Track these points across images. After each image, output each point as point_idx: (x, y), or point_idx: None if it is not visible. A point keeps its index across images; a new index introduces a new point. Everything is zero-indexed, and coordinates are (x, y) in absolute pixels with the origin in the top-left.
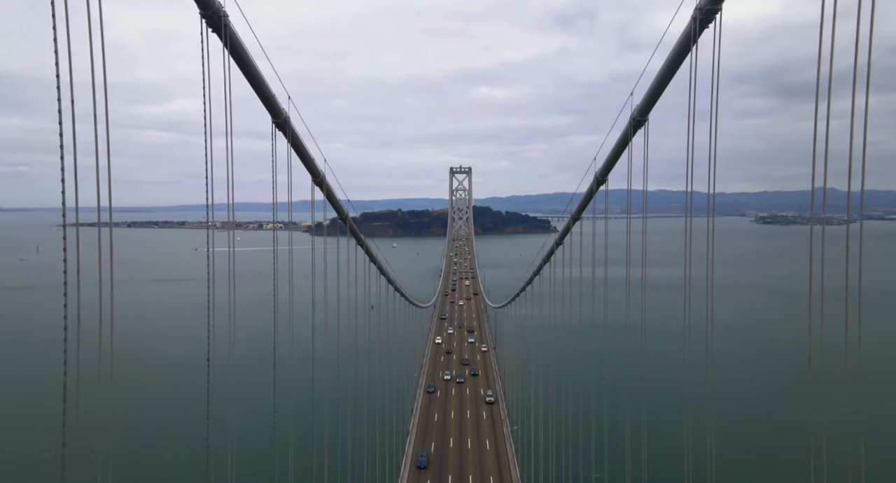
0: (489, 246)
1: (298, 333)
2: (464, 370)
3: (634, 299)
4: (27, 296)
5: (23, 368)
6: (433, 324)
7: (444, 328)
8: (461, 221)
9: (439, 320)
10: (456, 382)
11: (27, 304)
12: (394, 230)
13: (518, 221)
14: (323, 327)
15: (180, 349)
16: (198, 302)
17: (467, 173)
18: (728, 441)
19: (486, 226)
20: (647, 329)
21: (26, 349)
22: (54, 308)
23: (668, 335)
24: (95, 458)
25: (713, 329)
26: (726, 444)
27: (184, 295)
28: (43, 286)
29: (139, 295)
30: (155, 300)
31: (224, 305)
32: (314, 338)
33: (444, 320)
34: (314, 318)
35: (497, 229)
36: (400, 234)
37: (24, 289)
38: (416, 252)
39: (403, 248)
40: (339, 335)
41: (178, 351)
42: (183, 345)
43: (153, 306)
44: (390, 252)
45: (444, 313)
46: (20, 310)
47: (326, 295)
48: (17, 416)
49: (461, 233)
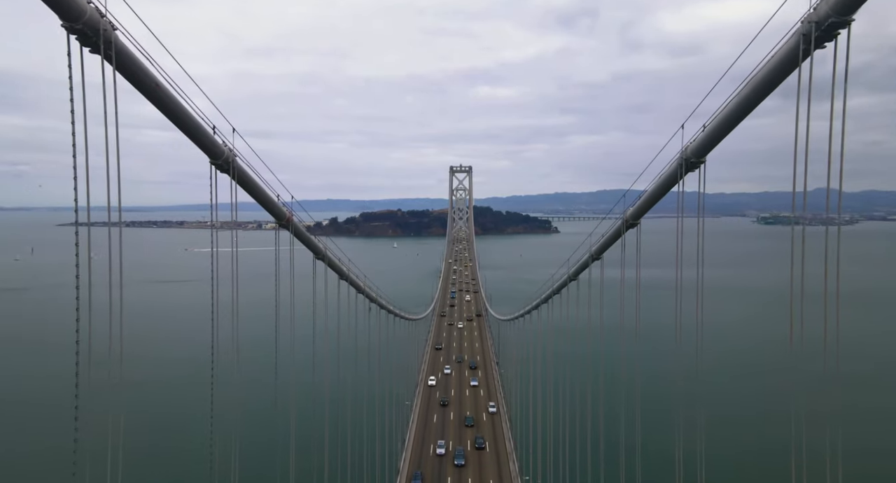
0: (490, 246)
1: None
2: (465, 436)
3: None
4: (18, 297)
5: (9, 372)
6: (426, 353)
7: (440, 363)
8: (461, 222)
9: (434, 351)
10: (453, 465)
11: (17, 307)
12: (393, 230)
13: (518, 221)
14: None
15: (177, 353)
16: (190, 304)
17: (468, 172)
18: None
19: (487, 226)
20: (651, 334)
21: (13, 353)
22: (48, 310)
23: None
24: (104, 457)
25: (703, 331)
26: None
27: (179, 296)
28: (36, 288)
29: (136, 296)
30: (149, 301)
31: (222, 306)
32: (274, 358)
33: (439, 351)
34: (278, 329)
35: (497, 229)
36: (400, 235)
37: (16, 290)
38: (416, 252)
39: (404, 249)
40: (315, 362)
41: (175, 354)
42: (178, 347)
43: (149, 308)
44: (391, 252)
45: (441, 341)
46: (8, 313)
47: (293, 307)
48: (18, 416)
49: (461, 234)
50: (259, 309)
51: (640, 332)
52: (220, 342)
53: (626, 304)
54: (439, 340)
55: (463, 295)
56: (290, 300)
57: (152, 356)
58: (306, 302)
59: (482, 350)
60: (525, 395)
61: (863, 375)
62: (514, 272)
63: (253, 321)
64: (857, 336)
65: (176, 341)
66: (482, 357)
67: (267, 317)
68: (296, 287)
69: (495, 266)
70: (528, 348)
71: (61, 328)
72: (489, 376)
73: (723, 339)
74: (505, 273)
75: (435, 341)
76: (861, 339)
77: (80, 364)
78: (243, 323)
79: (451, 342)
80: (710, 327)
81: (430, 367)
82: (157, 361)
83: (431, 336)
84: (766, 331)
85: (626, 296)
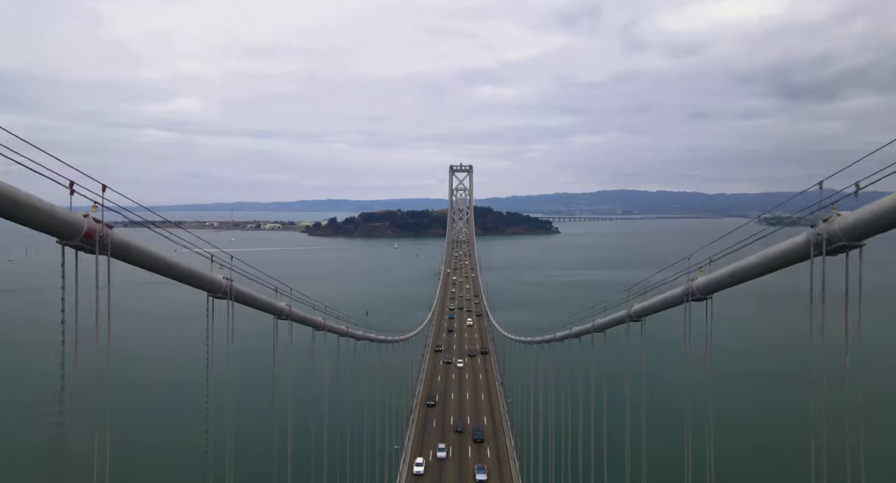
0: (490, 247)
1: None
2: None
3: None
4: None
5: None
6: (415, 411)
7: (432, 434)
8: (461, 222)
9: (425, 407)
10: None
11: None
12: (393, 230)
13: (519, 222)
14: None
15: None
16: (180, 311)
17: (468, 171)
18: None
19: (487, 226)
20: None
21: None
22: (31, 313)
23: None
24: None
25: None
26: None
27: (162, 298)
28: (23, 290)
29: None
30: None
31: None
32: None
33: (432, 407)
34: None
35: (498, 230)
36: (399, 235)
37: (2, 292)
38: (415, 254)
39: (404, 250)
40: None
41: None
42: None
43: (136, 312)
44: (391, 253)
45: (434, 392)
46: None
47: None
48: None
49: (461, 236)
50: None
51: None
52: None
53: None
54: (432, 391)
55: (464, 318)
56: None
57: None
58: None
59: (490, 408)
60: None
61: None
62: (515, 274)
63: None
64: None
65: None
66: (490, 420)
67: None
68: (304, 288)
69: (496, 268)
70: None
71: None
72: (502, 458)
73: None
74: (505, 274)
75: (426, 393)
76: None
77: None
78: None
79: (447, 394)
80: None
81: (418, 439)
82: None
83: (422, 385)
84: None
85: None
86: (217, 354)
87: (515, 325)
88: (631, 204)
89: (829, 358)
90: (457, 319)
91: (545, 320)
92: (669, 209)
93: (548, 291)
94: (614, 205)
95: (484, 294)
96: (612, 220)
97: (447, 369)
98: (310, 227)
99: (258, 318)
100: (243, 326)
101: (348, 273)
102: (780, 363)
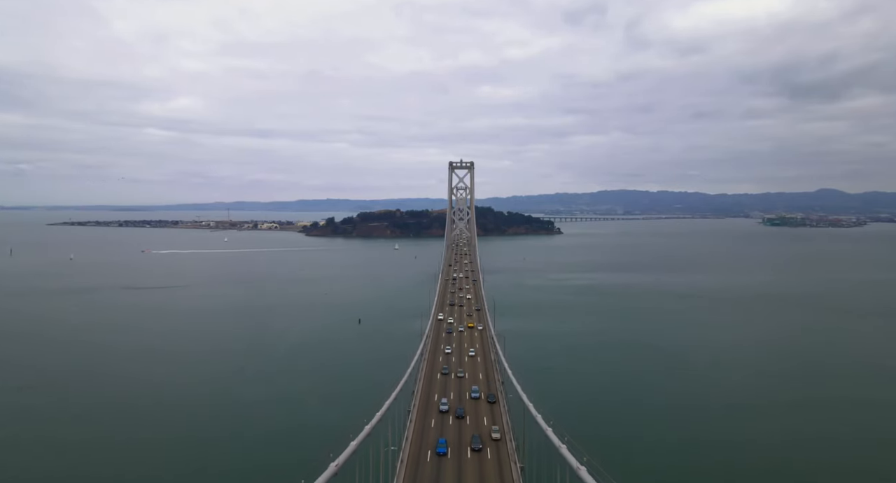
0: (491, 247)
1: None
2: None
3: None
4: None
5: None
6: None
7: None
8: (461, 223)
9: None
10: None
11: None
12: (392, 231)
13: (520, 222)
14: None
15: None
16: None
17: (469, 168)
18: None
19: (488, 227)
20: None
21: None
22: None
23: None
24: None
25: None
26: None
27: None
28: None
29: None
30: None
31: (194, 311)
32: None
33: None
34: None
35: (499, 230)
36: (398, 235)
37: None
38: (413, 255)
39: (404, 250)
40: None
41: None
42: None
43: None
44: (391, 254)
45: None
46: None
47: None
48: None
49: (461, 239)
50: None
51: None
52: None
53: None
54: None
55: (464, 348)
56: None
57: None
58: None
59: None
60: None
61: None
62: (517, 275)
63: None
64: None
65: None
66: None
67: (297, 308)
68: (294, 291)
69: (497, 270)
70: None
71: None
72: None
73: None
74: (510, 275)
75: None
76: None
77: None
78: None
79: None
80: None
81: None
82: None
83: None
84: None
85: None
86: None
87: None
88: (632, 204)
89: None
90: (456, 344)
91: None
92: (671, 209)
93: (566, 309)
94: (615, 205)
95: (491, 327)
96: (613, 220)
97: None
98: (307, 227)
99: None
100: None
101: (340, 276)
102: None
